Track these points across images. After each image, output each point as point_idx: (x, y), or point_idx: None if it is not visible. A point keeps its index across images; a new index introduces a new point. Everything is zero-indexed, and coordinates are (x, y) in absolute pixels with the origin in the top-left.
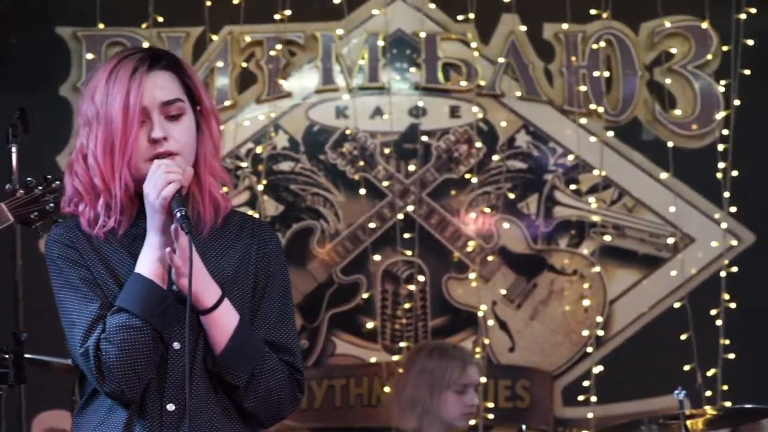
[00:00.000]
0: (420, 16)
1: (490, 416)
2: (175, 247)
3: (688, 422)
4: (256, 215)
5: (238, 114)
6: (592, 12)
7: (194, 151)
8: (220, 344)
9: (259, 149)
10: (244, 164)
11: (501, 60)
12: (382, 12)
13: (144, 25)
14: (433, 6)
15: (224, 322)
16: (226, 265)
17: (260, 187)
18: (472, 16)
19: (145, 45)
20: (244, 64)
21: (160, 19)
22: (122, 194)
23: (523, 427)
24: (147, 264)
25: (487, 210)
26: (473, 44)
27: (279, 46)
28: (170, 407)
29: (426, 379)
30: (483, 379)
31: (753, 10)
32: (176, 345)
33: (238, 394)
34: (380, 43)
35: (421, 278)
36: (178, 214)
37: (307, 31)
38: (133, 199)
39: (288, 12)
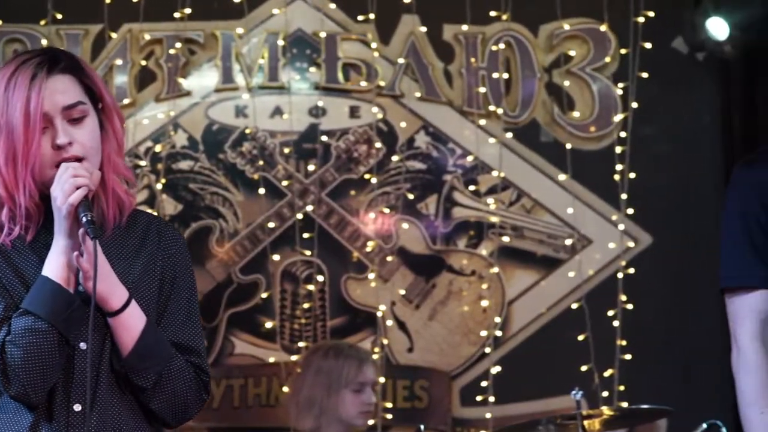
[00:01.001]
0: (320, 16)
1: (389, 416)
2: (83, 250)
3: (585, 422)
4: (155, 214)
5: (137, 112)
6: (492, 14)
7: (100, 153)
8: (127, 346)
9: (158, 148)
10: (142, 163)
11: (401, 61)
12: (282, 11)
13: (42, 22)
14: (333, 6)
15: (131, 323)
16: (132, 267)
17: (159, 186)
18: (372, 16)
19: (44, 42)
20: (144, 62)
21: (59, 16)
22: (27, 201)
23: (422, 427)
24: (54, 267)
25: (387, 210)
26: (373, 45)
27: (179, 45)
28: (77, 408)
29: (322, 379)
30: (381, 379)
31: (651, 14)
32: (83, 345)
33: (145, 396)
34: (280, 42)
35: (320, 278)
36: (84, 219)
37: (206, 30)
38: (40, 205)
39: (188, 10)
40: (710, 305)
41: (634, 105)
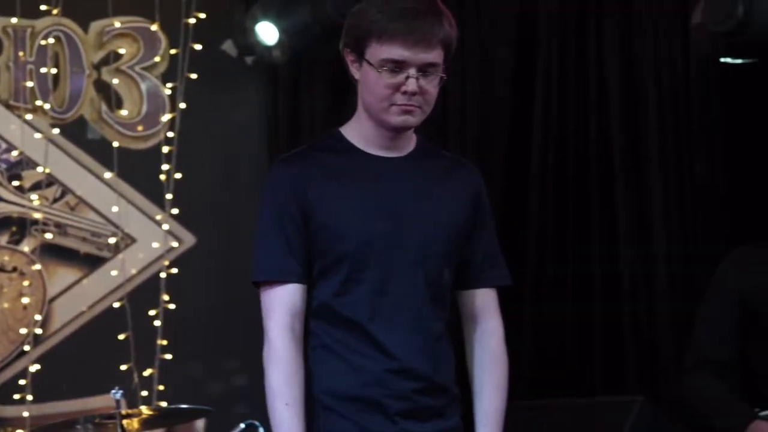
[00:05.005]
0: None
1: None
2: None
3: (125, 422)
4: None
5: None
6: (42, 8)
7: None
8: None
9: None
10: None
11: None
12: None
13: None
14: None
15: None
16: None
17: None
18: None
19: None
20: None
21: None
22: None
23: None
24: None
25: None
26: None
27: None
28: None
29: None
30: None
31: (202, 15)
32: None
33: None
34: None
35: None
36: None
37: None
38: None
39: None
40: (254, 303)
41: (183, 105)
